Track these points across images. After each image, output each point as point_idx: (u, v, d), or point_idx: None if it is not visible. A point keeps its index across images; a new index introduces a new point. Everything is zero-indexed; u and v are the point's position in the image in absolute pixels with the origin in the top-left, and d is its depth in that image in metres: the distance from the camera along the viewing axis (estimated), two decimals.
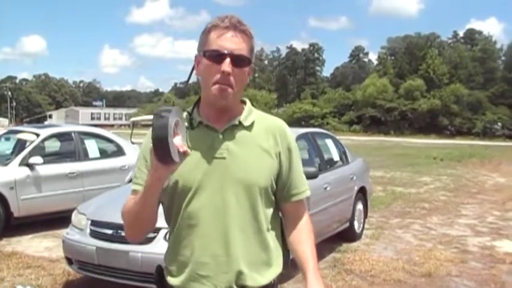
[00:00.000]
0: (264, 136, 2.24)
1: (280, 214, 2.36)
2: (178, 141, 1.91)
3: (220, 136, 2.18)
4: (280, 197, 2.31)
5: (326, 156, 8.65)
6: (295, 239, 2.33)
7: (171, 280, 2.22)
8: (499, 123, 74.38)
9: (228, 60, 2.09)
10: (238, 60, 2.12)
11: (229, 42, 2.12)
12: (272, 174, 2.22)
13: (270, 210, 2.25)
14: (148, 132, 2.01)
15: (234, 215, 2.13)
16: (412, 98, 78.97)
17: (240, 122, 2.22)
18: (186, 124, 2.11)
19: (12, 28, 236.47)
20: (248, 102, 2.32)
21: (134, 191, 2.21)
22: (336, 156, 9.08)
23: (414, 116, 77.71)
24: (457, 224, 10.93)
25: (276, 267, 2.25)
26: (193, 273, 2.15)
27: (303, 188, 2.34)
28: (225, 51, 2.10)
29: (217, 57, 2.11)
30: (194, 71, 2.29)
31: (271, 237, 2.24)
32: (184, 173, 2.12)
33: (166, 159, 1.87)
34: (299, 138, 7.78)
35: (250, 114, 2.27)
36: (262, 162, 2.20)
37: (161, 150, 1.86)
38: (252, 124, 2.24)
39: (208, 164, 2.15)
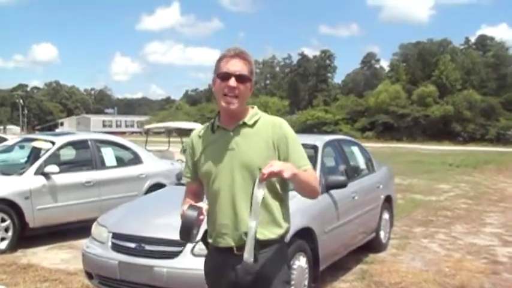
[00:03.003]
0: (263, 129, 3.04)
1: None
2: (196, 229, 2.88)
3: (231, 134, 3.04)
4: None
5: (353, 164, 8.39)
6: None
7: (209, 240, 3.14)
8: None
9: (233, 78, 2.95)
10: (241, 78, 2.97)
11: (234, 66, 2.98)
12: (270, 157, 2.94)
13: (273, 185, 2.99)
14: (192, 133, 3.26)
15: (240, 189, 2.96)
16: (424, 105, 78.44)
17: (244, 122, 3.05)
18: (210, 130, 3.13)
19: (23, 36, 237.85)
20: (255, 108, 3.14)
21: (187, 183, 3.28)
22: (362, 164, 8.80)
23: (427, 122, 77.15)
24: (483, 233, 10.61)
25: (282, 227, 3.06)
26: (218, 232, 3.03)
27: (302, 162, 3.03)
28: (231, 72, 2.96)
29: (226, 77, 2.97)
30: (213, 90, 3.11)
31: (275, 204, 3.02)
32: (209, 164, 3.06)
33: (184, 239, 2.90)
34: (326, 145, 7.54)
35: (254, 116, 3.09)
36: (260, 149, 2.99)
37: (185, 234, 2.84)
38: (255, 123, 3.07)
39: (223, 154, 3.02)
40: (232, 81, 2.93)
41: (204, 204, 2.92)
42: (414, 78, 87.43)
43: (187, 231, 2.82)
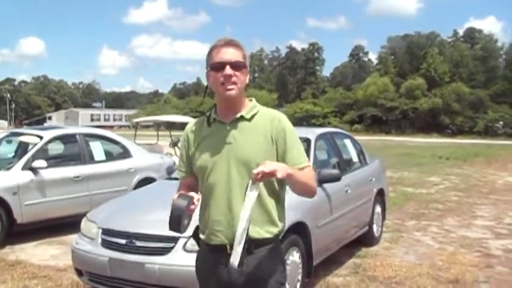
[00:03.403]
0: (262, 124, 2.94)
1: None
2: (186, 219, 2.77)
3: (228, 127, 2.93)
4: None
5: (345, 157, 8.30)
6: None
7: (201, 236, 3.04)
8: (501, 122, 73.77)
9: (228, 66, 2.83)
10: (236, 65, 2.86)
11: (226, 54, 2.86)
12: (268, 153, 2.88)
13: (270, 182, 2.88)
14: (187, 127, 3.13)
15: (236, 185, 2.85)
16: (413, 97, 78.57)
17: (241, 116, 2.94)
18: (205, 123, 3.02)
19: (10, 30, 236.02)
20: (254, 100, 3.04)
21: (181, 177, 3.19)
22: (354, 157, 8.71)
23: (415, 115, 77.29)
24: (475, 225, 10.57)
25: (278, 226, 2.97)
26: (211, 229, 2.93)
27: (300, 160, 2.95)
28: (225, 61, 2.84)
29: (220, 66, 2.85)
30: (208, 86, 3.02)
31: (271, 202, 2.93)
32: (204, 158, 2.95)
33: (174, 230, 2.75)
34: (318, 138, 7.45)
35: (252, 109, 2.98)
36: (258, 144, 2.89)
37: (174, 225, 2.72)
38: (253, 116, 2.96)
39: (220, 148, 2.92)
40: (228, 69, 2.82)
41: (195, 194, 2.80)
42: (402, 71, 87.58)
43: (176, 220, 2.69)
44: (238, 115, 2.93)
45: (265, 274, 2.91)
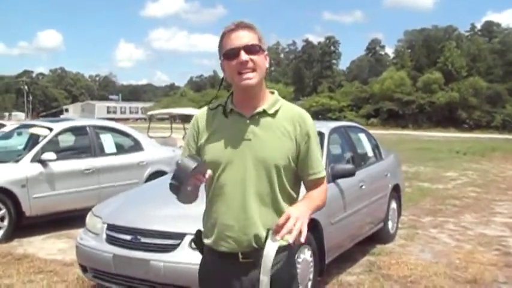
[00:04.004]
0: (285, 122, 2.64)
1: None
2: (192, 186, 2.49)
3: (248, 121, 2.62)
4: (300, 174, 2.70)
5: (360, 152, 8.08)
6: (304, 195, 2.70)
7: (205, 240, 2.72)
8: None
9: (242, 51, 2.52)
10: (252, 49, 2.55)
11: (239, 38, 2.55)
12: (289, 154, 2.61)
13: (288, 185, 2.64)
14: (197, 113, 2.79)
15: (252, 186, 2.57)
16: (430, 91, 78.00)
17: (264, 110, 2.63)
18: (220, 113, 2.69)
19: (28, 23, 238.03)
20: (276, 93, 2.73)
21: None
22: (369, 152, 8.49)
23: (432, 109, 76.78)
24: (493, 222, 10.32)
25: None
26: (221, 234, 2.62)
27: (318, 169, 2.70)
28: (238, 46, 2.53)
29: (233, 53, 2.54)
30: (224, 78, 2.76)
31: (288, 206, 2.58)
32: (217, 152, 2.62)
33: (173, 192, 2.49)
34: (332, 132, 7.25)
35: (275, 103, 2.68)
36: (281, 144, 2.60)
37: (174, 187, 2.44)
38: (276, 112, 2.65)
39: (237, 144, 2.61)
40: (243, 55, 2.51)
41: (209, 170, 2.52)
42: (419, 65, 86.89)
43: (178, 181, 2.41)
44: (261, 109, 2.63)
45: (283, 283, 2.65)
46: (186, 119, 22.08)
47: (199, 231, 2.79)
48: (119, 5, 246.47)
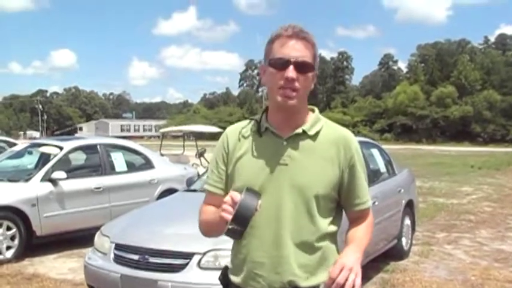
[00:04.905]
0: (328, 146, 2.31)
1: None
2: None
3: (285, 143, 2.30)
4: (344, 204, 2.41)
5: (372, 168, 7.97)
6: (350, 234, 2.40)
7: (233, 278, 2.38)
8: None
9: (291, 67, 2.21)
10: (302, 67, 2.23)
11: (293, 50, 2.23)
12: (332, 183, 2.29)
13: (329, 217, 2.33)
14: (227, 130, 2.47)
15: (288, 218, 2.23)
16: (443, 105, 77.95)
17: (304, 131, 2.31)
18: (253, 131, 2.38)
19: (42, 43, 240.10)
20: (316, 111, 2.41)
21: (207, 192, 2.48)
22: (382, 168, 8.39)
23: (446, 123, 76.68)
24: (509, 238, 10.16)
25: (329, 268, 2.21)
26: (251, 272, 2.29)
27: (365, 198, 2.41)
28: (289, 59, 2.21)
29: (282, 64, 2.23)
30: (261, 81, 2.56)
31: (328, 243, 2.33)
32: (250, 177, 2.28)
33: (241, 229, 2.09)
34: None
35: (316, 123, 2.35)
36: (323, 172, 2.28)
37: (240, 224, 2.07)
38: (317, 134, 2.33)
39: (272, 169, 2.28)
40: (291, 71, 2.20)
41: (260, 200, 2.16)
42: (433, 79, 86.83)
43: (242, 225, 2.07)
44: (300, 130, 2.31)
45: None
46: (200, 136, 22.11)
47: (226, 267, 2.48)
48: (131, 24, 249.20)
